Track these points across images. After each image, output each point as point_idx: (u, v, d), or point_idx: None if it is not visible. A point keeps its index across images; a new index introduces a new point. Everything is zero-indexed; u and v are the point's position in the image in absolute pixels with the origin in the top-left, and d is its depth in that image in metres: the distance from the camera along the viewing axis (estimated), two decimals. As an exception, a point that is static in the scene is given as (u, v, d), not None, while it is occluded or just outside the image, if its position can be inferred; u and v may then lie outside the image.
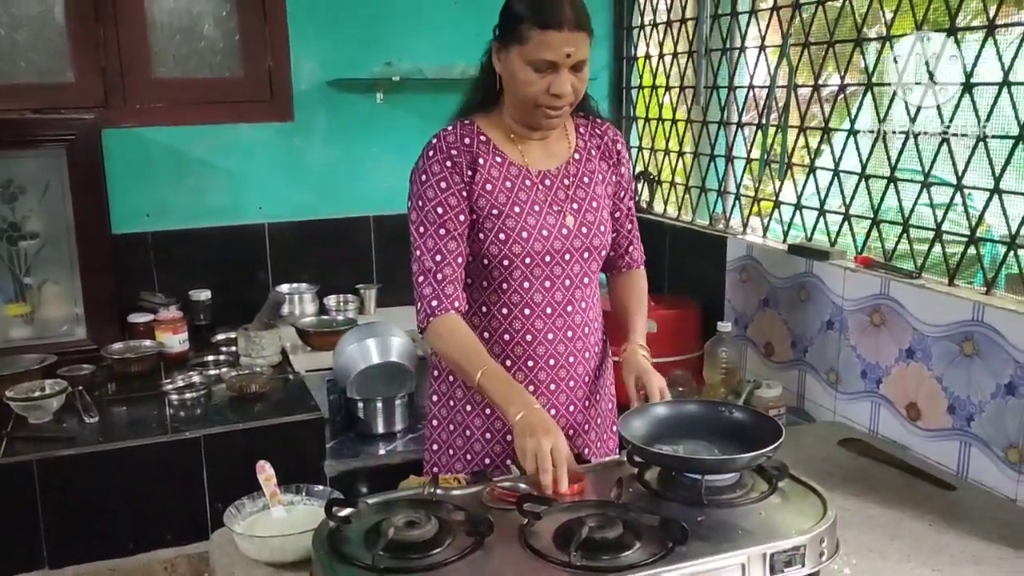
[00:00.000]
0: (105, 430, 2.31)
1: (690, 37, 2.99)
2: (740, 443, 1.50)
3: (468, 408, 1.80)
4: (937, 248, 2.06)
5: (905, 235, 2.14)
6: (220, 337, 2.99)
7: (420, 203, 1.70)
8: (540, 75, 1.61)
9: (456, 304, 1.68)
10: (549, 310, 1.75)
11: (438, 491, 1.45)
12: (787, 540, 1.30)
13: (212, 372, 2.71)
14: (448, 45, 3.23)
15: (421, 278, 1.69)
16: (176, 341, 2.81)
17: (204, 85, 3.09)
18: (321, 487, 1.62)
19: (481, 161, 1.70)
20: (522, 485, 1.48)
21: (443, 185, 1.68)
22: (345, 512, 1.34)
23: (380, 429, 2.53)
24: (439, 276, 1.67)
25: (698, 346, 2.56)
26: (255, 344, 2.74)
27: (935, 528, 1.62)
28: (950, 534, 1.59)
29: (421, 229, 1.70)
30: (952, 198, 2.00)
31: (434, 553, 1.26)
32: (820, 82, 2.43)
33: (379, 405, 2.52)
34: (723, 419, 1.62)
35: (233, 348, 2.86)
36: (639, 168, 3.40)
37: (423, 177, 1.70)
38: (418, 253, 1.70)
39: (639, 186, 3.34)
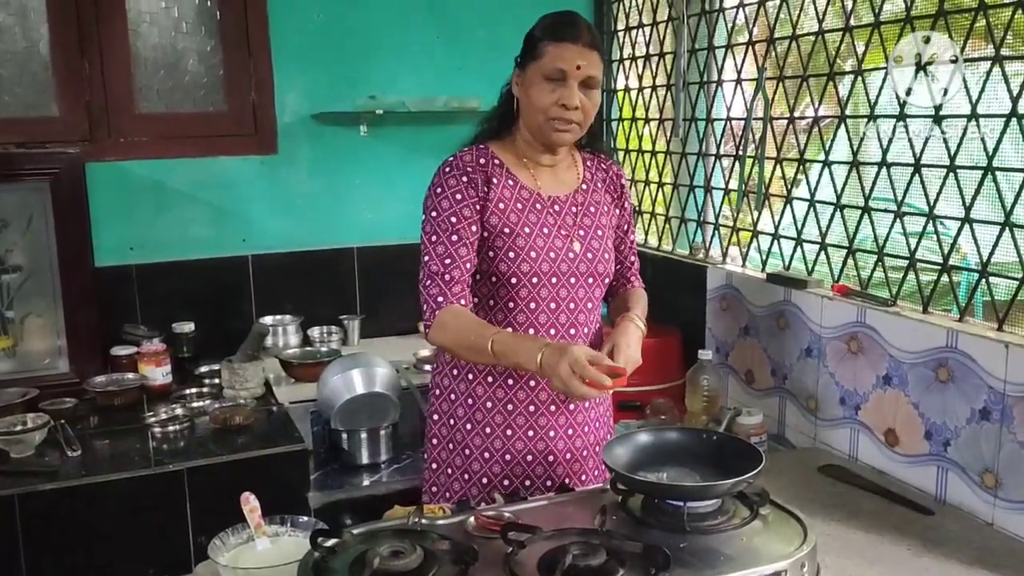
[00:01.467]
0: (88, 463, 2.29)
1: (669, 71, 3.05)
2: (722, 470, 1.52)
3: (468, 427, 1.83)
4: (912, 276, 2.10)
5: (880, 264, 2.18)
6: (203, 369, 2.98)
7: (434, 214, 1.75)
8: (552, 86, 1.70)
9: (462, 301, 1.72)
10: (553, 331, 1.79)
11: (422, 521, 1.46)
12: (769, 565, 1.31)
13: (195, 404, 2.70)
14: (431, 79, 3.29)
15: (428, 281, 1.72)
16: (159, 374, 2.80)
17: (188, 119, 3.12)
18: (306, 518, 1.61)
19: (495, 181, 1.77)
20: (506, 513, 1.49)
21: (458, 197, 1.74)
22: (330, 543, 1.35)
23: (364, 460, 2.54)
24: (447, 277, 1.71)
25: (680, 374, 2.58)
26: (238, 376, 2.74)
27: (914, 552, 1.64)
28: (928, 558, 1.61)
29: (433, 237, 1.74)
30: (925, 227, 2.05)
31: (419, 582, 1.26)
32: (795, 114, 2.49)
33: (363, 436, 2.53)
34: (705, 446, 1.64)
35: (216, 380, 2.86)
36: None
37: (438, 190, 1.76)
38: (427, 259, 1.74)
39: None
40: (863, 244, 2.28)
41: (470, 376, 1.82)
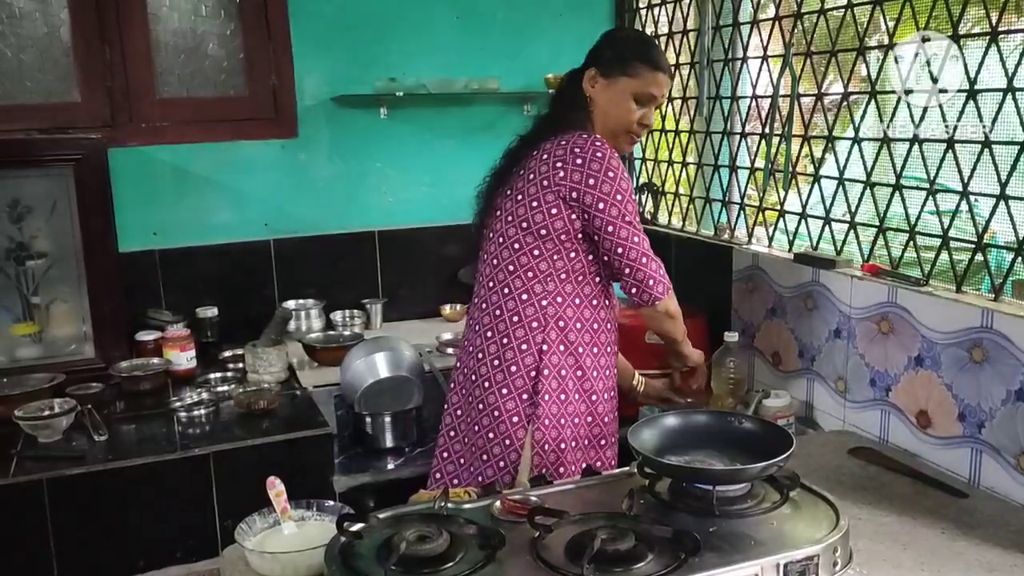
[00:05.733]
0: (114, 448, 2.30)
1: (692, 48, 3.00)
2: (750, 453, 1.50)
3: (576, 397, 1.91)
4: (944, 255, 2.06)
5: (912, 242, 2.14)
6: (227, 354, 2.99)
7: (630, 194, 1.90)
8: (638, 107, 1.92)
9: None
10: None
11: (449, 505, 1.45)
12: (800, 550, 1.29)
13: (220, 389, 2.71)
14: (451, 61, 3.26)
15: (644, 259, 1.89)
16: (184, 358, 2.81)
17: (209, 103, 3.11)
18: (332, 502, 1.62)
19: None
20: (532, 497, 1.48)
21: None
22: (356, 527, 1.34)
23: (388, 444, 2.54)
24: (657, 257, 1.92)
25: (705, 356, 2.55)
26: (262, 360, 2.74)
27: (948, 536, 1.61)
28: (963, 542, 1.58)
29: (636, 220, 1.91)
30: (958, 205, 2.00)
31: (446, 567, 1.25)
32: (823, 91, 2.44)
33: (387, 420, 2.52)
34: (733, 429, 1.62)
35: (240, 365, 2.86)
36: (643, 179, 3.41)
37: (623, 172, 1.89)
38: (640, 237, 1.90)
39: (644, 197, 3.34)
40: (893, 222, 2.23)
41: (579, 350, 1.90)
